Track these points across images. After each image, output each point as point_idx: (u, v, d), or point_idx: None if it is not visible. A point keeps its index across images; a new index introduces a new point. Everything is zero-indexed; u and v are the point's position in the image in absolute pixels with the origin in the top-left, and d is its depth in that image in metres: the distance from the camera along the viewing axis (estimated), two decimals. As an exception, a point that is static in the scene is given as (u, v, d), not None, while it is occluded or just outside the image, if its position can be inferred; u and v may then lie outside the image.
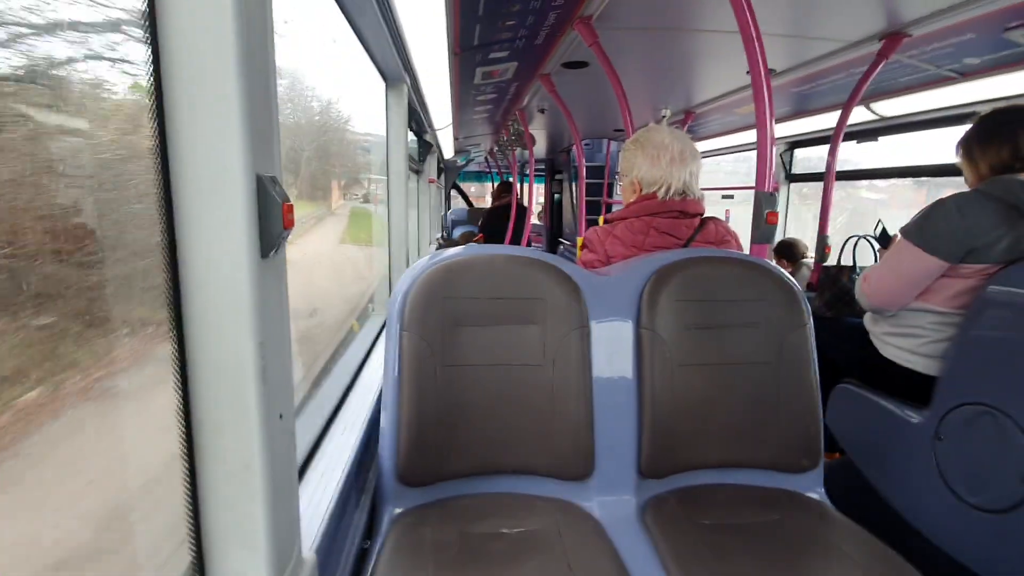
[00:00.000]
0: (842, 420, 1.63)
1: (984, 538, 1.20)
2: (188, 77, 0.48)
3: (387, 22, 1.39)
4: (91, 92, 0.51)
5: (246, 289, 0.52)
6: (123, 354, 0.55)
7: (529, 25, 1.82)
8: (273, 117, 0.55)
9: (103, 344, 0.53)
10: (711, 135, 3.95)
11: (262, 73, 0.52)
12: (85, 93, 0.51)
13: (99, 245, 0.51)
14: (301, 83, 1.48)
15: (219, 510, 0.56)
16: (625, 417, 1.10)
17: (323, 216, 1.88)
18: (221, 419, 0.54)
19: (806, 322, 1.15)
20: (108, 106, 0.54)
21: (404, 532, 0.95)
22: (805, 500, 1.09)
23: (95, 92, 0.52)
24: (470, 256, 1.10)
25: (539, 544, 0.92)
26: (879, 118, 2.59)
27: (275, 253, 0.55)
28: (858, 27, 1.75)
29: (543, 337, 1.08)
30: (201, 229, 0.50)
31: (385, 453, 1.03)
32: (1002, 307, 1.23)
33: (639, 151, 1.39)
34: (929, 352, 1.44)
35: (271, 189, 0.52)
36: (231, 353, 0.52)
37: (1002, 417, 1.17)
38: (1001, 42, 1.63)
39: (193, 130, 0.49)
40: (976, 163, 1.43)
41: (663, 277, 1.13)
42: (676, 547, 0.93)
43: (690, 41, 2.03)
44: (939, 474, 1.31)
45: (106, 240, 0.52)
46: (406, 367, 1.03)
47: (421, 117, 2.97)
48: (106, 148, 0.54)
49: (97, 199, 0.52)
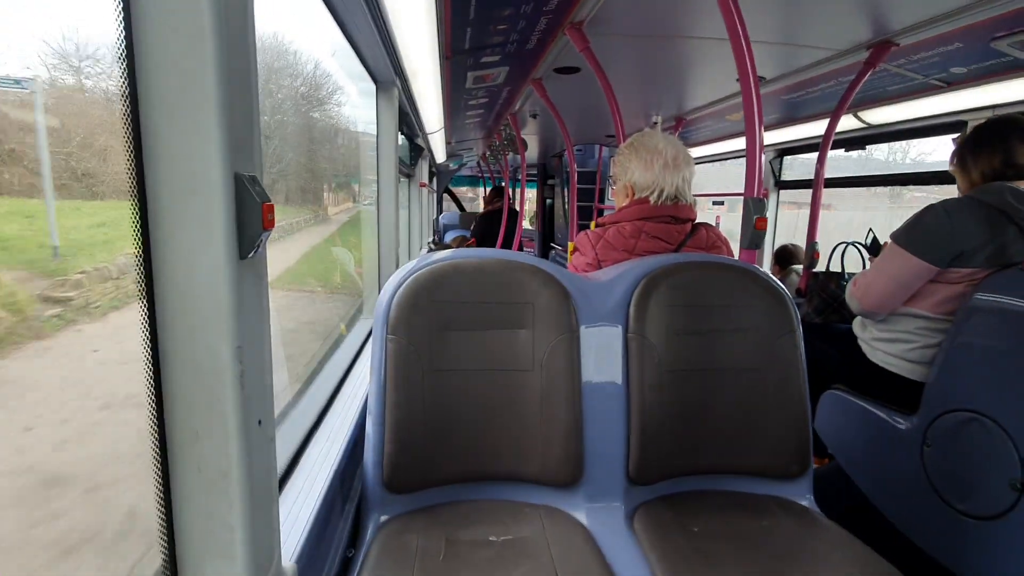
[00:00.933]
0: (831, 426, 1.63)
1: (972, 544, 1.20)
2: (163, 71, 0.46)
3: (377, 25, 1.38)
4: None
5: (224, 291, 0.50)
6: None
7: (520, 30, 1.82)
8: (254, 114, 0.54)
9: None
10: (702, 142, 3.97)
11: (242, 67, 0.51)
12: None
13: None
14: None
15: (194, 519, 0.54)
16: (614, 423, 1.09)
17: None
18: (197, 425, 0.52)
19: (795, 328, 1.14)
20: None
21: (389, 539, 0.93)
22: (794, 507, 1.09)
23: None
24: (458, 260, 1.09)
25: (526, 552, 0.90)
26: (867, 126, 2.61)
27: (254, 254, 0.53)
28: (846, 35, 1.77)
29: (532, 342, 1.07)
30: (176, 229, 0.49)
31: (370, 459, 1.02)
32: (988, 314, 1.24)
33: (633, 155, 1.39)
34: (916, 358, 1.45)
35: (250, 188, 0.51)
36: (208, 357, 0.51)
37: (990, 423, 1.18)
38: (988, 52, 1.65)
39: (168, 126, 0.47)
40: (969, 171, 1.46)
41: (653, 282, 1.12)
42: (664, 554, 0.92)
43: (681, 48, 2.05)
44: (927, 480, 1.32)
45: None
46: (392, 372, 1.01)
47: (412, 121, 2.96)
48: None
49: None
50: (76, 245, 0.80)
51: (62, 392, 0.79)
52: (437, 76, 2.08)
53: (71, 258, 0.78)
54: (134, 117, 0.47)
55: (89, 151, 0.73)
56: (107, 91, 0.64)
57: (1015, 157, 1.36)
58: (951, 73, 1.92)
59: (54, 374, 0.76)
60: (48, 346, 0.73)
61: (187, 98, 0.47)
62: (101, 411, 0.83)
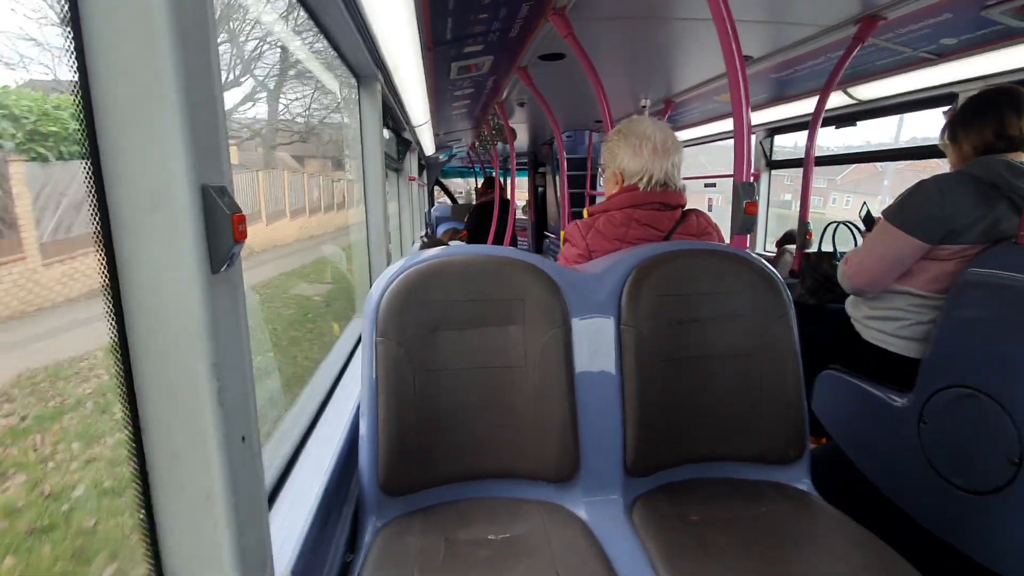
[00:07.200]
0: (827, 406, 1.64)
1: (970, 519, 1.21)
2: (116, 78, 0.44)
3: (355, 19, 1.34)
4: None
5: (196, 308, 0.48)
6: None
7: (502, 18, 1.78)
8: (220, 121, 0.52)
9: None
10: (692, 124, 3.94)
11: (204, 73, 0.49)
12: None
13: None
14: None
15: (180, 540, 0.53)
16: (609, 415, 1.08)
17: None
18: (176, 446, 0.51)
19: (788, 311, 1.14)
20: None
21: (387, 543, 0.93)
22: (792, 491, 1.09)
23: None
24: (446, 258, 1.07)
25: (526, 548, 0.90)
26: (857, 102, 2.59)
27: (227, 268, 0.51)
28: (833, 11, 1.74)
29: (523, 338, 1.06)
30: (143, 246, 0.47)
31: (365, 463, 1.01)
32: (982, 288, 1.23)
33: (622, 141, 1.37)
34: (910, 335, 1.45)
35: (219, 200, 0.49)
36: (183, 376, 0.49)
37: (985, 399, 1.17)
38: (979, 21, 1.63)
39: (126, 138, 0.45)
40: (960, 145, 1.43)
41: (643, 272, 1.11)
42: (664, 545, 0.92)
43: (666, 30, 2.01)
44: (924, 457, 1.32)
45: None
46: (383, 374, 1.00)
47: (398, 114, 2.92)
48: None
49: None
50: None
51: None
52: (420, 68, 2.04)
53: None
54: (90, 128, 0.45)
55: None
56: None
57: (1007, 128, 1.34)
58: (941, 45, 1.89)
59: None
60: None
61: (144, 106, 0.44)
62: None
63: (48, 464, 1.51)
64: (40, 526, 1.33)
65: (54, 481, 1.46)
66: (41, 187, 1.58)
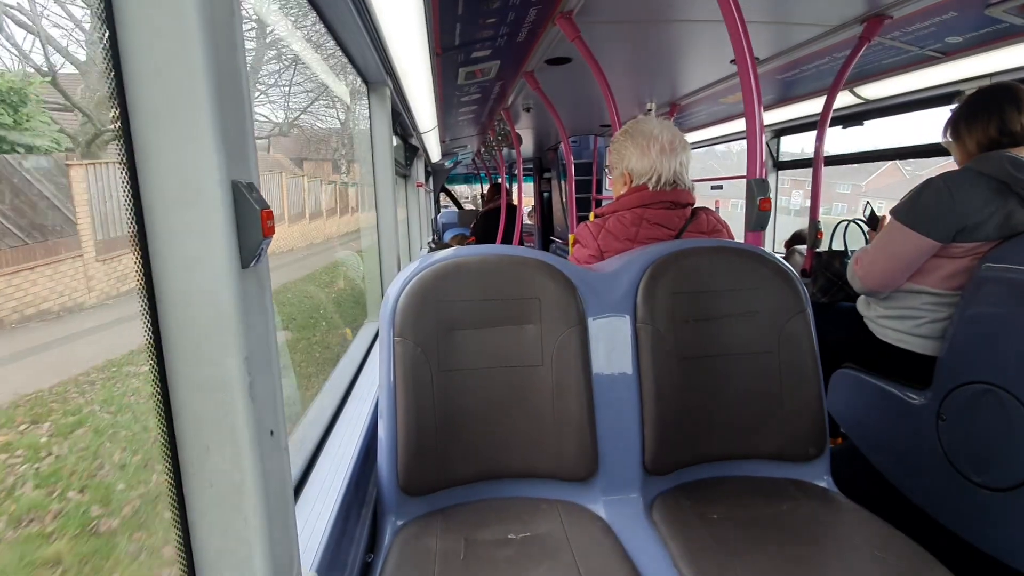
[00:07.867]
0: (843, 405, 1.62)
1: (991, 516, 1.20)
2: (150, 79, 0.45)
3: (365, 24, 1.36)
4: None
5: (228, 302, 0.49)
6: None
7: (510, 22, 1.80)
8: (247, 119, 0.53)
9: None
10: (697, 126, 3.95)
11: (232, 72, 0.50)
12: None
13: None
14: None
15: (210, 535, 0.54)
16: (627, 414, 1.08)
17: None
18: (208, 440, 0.51)
19: (805, 308, 1.13)
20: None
21: (407, 543, 0.93)
22: (813, 488, 1.08)
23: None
24: (461, 258, 1.08)
25: (547, 548, 0.90)
26: (864, 102, 2.59)
27: (256, 263, 0.52)
28: (839, 10, 1.74)
29: (540, 337, 1.06)
30: (176, 242, 0.48)
31: (384, 464, 1.01)
32: (998, 284, 1.22)
33: (629, 142, 1.38)
34: (926, 333, 1.44)
35: (248, 196, 0.50)
36: (215, 370, 0.50)
37: (1005, 395, 1.17)
38: (983, 19, 1.63)
39: (159, 136, 0.46)
40: (964, 142, 1.43)
41: (658, 270, 1.11)
42: (685, 544, 0.92)
43: (672, 32, 2.02)
44: (943, 454, 1.31)
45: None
46: (400, 374, 1.01)
47: (406, 120, 2.94)
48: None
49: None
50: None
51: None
52: (428, 74, 2.06)
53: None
54: (125, 130, 0.46)
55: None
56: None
57: (1010, 124, 1.34)
58: (947, 43, 1.90)
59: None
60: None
61: (177, 107, 0.46)
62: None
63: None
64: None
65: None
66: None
